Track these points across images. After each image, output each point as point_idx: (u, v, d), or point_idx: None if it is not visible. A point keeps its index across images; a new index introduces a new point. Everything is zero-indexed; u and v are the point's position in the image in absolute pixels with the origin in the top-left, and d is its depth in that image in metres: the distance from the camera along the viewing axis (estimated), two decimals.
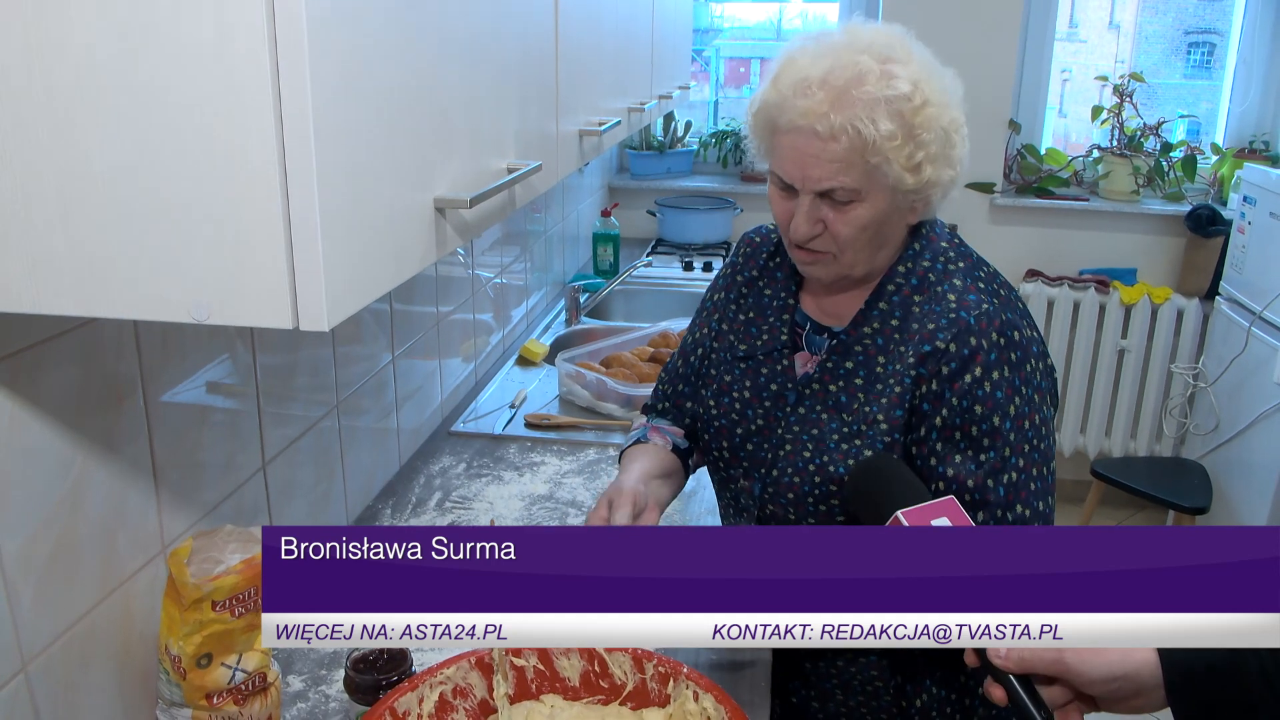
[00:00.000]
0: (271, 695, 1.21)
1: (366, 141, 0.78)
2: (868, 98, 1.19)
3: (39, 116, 0.71)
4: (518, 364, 2.57)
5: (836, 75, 1.20)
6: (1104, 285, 3.80)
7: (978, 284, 1.29)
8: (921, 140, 1.21)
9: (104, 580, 1.12)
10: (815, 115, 1.20)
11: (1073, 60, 4.25)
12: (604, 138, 1.61)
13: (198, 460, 1.28)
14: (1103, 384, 3.91)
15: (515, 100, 1.17)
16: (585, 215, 3.59)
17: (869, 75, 1.20)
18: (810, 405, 1.34)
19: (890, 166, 1.21)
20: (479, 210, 1.01)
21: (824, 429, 1.32)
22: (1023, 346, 1.25)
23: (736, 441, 1.41)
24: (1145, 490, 3.27)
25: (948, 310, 1.26)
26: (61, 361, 1.01)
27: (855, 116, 1.19)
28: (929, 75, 1.24)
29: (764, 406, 1.39)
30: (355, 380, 1.75)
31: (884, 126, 1.19)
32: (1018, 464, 1.23)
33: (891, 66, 1.21)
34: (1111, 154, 3.81)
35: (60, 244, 0.74)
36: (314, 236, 0.71)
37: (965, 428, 1.23)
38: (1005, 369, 1.23)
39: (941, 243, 1.35)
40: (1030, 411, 1.24)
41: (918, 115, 1.21)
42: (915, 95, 1.20)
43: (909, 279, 1.31)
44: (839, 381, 1.32)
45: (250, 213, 0.71)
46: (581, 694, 1.21)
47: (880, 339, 1.30)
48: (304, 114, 0.69)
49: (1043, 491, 1.25)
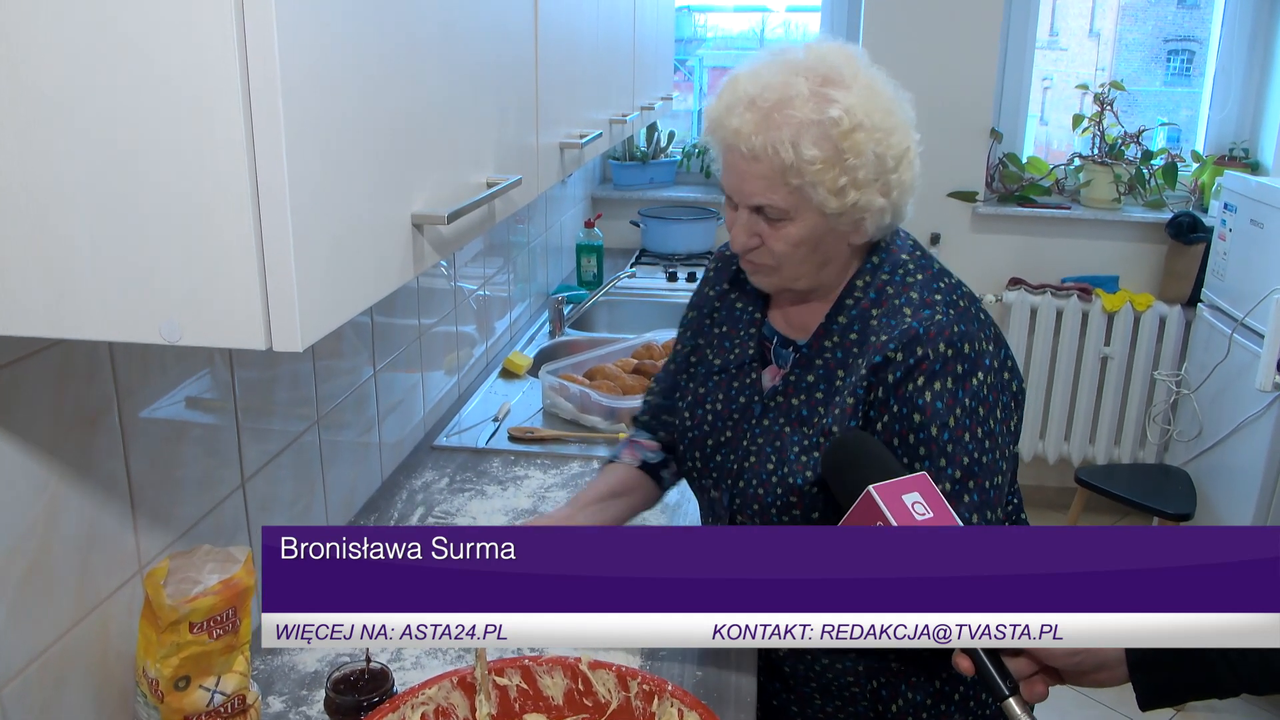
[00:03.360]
0: (250, 717, 1.19)
1: (340, 157, 0.77)
2: (792, 121, 1.20)
3: (3, 134, 0.70)
4: (501, 376, 2.55)
5: (766, 96, 1.22)
6: (1086, 293, 3.81)
7: (934, 296, 1.29)
8: (848, 165, 1.21)
9: (80, 602, 1.10)
10: (741, 136, 1.22)
11: (1053, 68, 4.27)
12: (585, 150, 1.61)
13: (175, 478, 1.26)
14: (1086, 391, 3.92)
15: (494, 113, 1.16)
16: (569, 226, 3.58)
17: (797, 98, 1.20)
18: (774, 418, 1.35)
19: (814, 189, 1.21)
20: (457, 226, 1.00)
21: (785, 441, 1.33)
22: (971, 359, 1.25)
23: (708, 452, 1.43)
24: (1129, 497, 3.28)
25: (901, 322, 1.27)
26: (33, 382, 1.00)
27: (777, 139, 1.20)
28: (869, 99, 1.23)
29: (733, 419, 1.41)
30: (336, 394, 1.73)
31: (807, 151, 1.19)
32: (953, 475, 1.23)
33: (828, 89, 1.21)
34: (1093, 162, 3.82)
35: (27, 264, 0.73)
36: (286, 255, 0.70)
37: (903, 434, 1.24)
38: (949, 380, 1.23)
39: (902, 255, 1.35)
40: (972, 424, 1.23)
41: (846, 139, 1.20)
42: (845, 120, 1.20)
43: (867, 292, 1.32)
44: (801, 394, 1.34)
45: (221, 231, 0.70)
46: (565, 713, 1.20)
47: (839, 352, 1.32)
48: (275, 129, 0.68)
49: (979, 505, 1.24)
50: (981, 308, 1.33)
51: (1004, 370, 1.29)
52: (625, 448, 1.59)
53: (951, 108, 3.71)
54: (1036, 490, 4.06)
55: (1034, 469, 4.06)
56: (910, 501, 1.02)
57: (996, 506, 1.26)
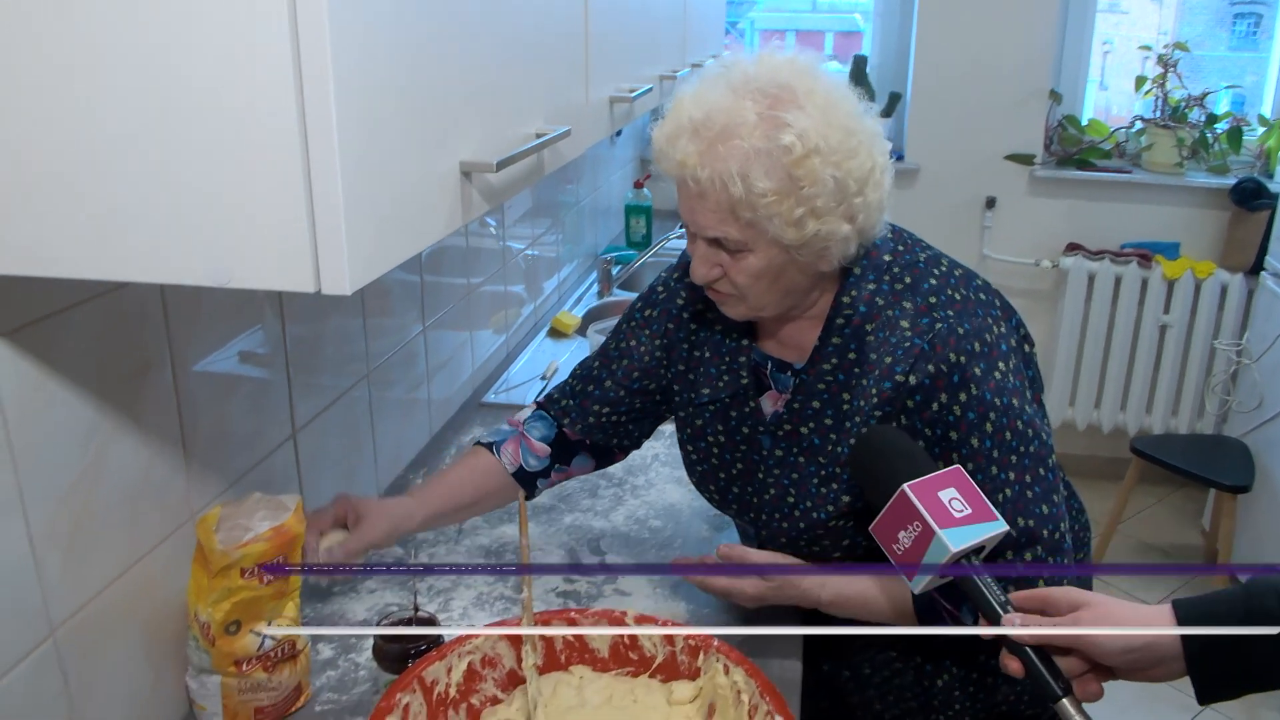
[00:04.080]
0: (301, 662, 1.21)
1: (389, 102, 0.76)
2: (739, 151, 1.11)
3: (57, 79, 0.70)
4: (549, 336, 2.56)
5: (710, 124, 1.13)
6: (1146, 259, 3.72)
7: (928, 299, 1.21)
8: (804, 194, 1.12)
9: (131, 547, 1.12)
10: (685, 167, 1.14)
11: (1114, 31, 4.15)
12: (635, 104, 1.59)
13: (226, 429, 1.27)
14: (1144, 360, 3.84)
15: (543, 64, 1.15)
16: (617, 187, 3.56)
17: (743, 125, 1.11)
18: (786, 448, 1.30)
19: (770, 222, 1.13)
20: (505, 175, 0.99)
21: (803, 473, 1.28)
22: (986, 355, 1.17)
23: (722, 485, 1.40)
24: (1186, 468, 3.22)
25: (902, 340, 1.19)
26: (85, 329, 1.01)
27: (725, 172, 1.11)
28: (825, 120, 1.12)
29: (740, 450, 1.36)
30: (385, 351, 1.74)
31: (758, 183, 1.11)
32: (1009, 478, 1.17)
33: (778, 112, 1.11)
34: (1155, 125, 3.72)
35: (79, 206, 0.73)
36: (335, 196, 0.70)
37: (945, 455, 1.18)
38: (972, 386, 1.16)
39: (884, 256, 1.26)
40: (1009, 420, 1.17)
41: (799, 167, 1.11)
42: (798, 145, 1.10)
43: (856, 307, 1.23)
44: (809, 423, 1.28)
45: (269, 173, 0.70)
46: (611, 666, 1.21)
47: (841, 374, 1.24)
48: (324, 73, 0.67)
49: (1044, 494, 1.19)
50: (980, 285, 1.25)
51: (1023, 343, 1.24)
52: (511, 438, 1.49)
53: (1008, 68, 3.63)
54: (1089, 460, 4.00)
55: (1088, 438, 4.00)
56: (947, 498, 0.98)
57: (1059, 486, 1.22)
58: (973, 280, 1.26)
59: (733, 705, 1.10)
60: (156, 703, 1.18)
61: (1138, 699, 2.84)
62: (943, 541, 0.95)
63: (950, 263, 1.27)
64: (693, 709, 1.15)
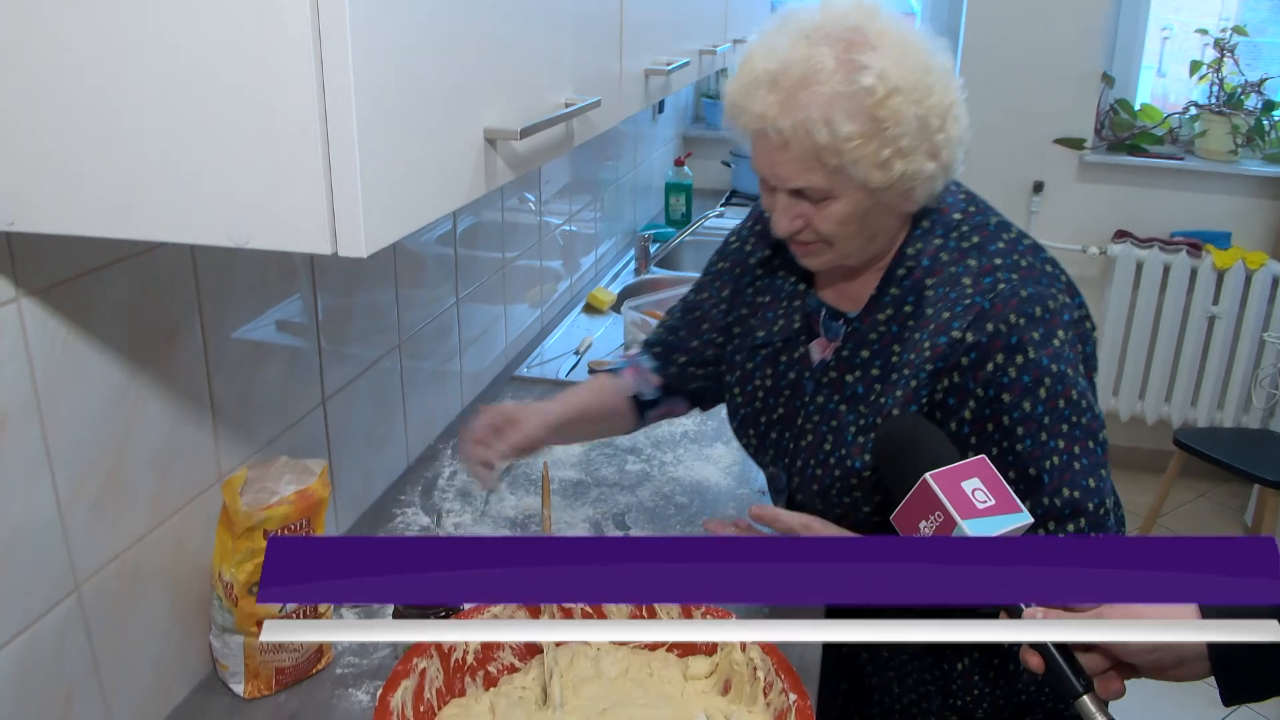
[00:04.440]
0: None
1: (409, 66, 0.76)
2: (821, 98, 1.10)
3: (79, 37, 0.71)
4: (585, 311, 2.56)
5: (788, 73, 1.12)
6: (1196, 248, 3.65)
7: (994, 260, 1.20)
8: (889, 135, 1.11)
9: (158, 506, 1.13)
10: (766, 120, 1.13)
11: (1174, 17, 4.05)
12: (672, 78, 1.57)
13: (256, 394, 1.29)
14: (1190, 351, 3.76)
15: (575, 33, 1.14)
16: (658, 164, 3.54)
17: (822, 71, 1.10)
18: (828, 395, 1.29)
19: (856, 166, 1.12)
20: (532, 143, 0.99)
21: (841, 420, 1.27)
22: (1046, 321, 1.16)
23: (762, 429, 1.39)
24: (1230, 462, 3.15)
25: (963, 295, 1.17)
26: (116, 291, 1.02)
27: (807, 120, 1.10)
28: (900, 58, 1.12)
29: (784, 395, 1.35)
30: (418, 323, 1.75)
31: (842, 127, 1.10)
32: (1058, 446, 1.15)
33: (854, 55, 1.11)
34: (1209, 111, 3.64)
35: (101, 166, 0.74)
36: (352, 159, 0.70)
37: (996, 418, 1.16)
38: (1030, 350, 1.14)
39: (954, 214, 1.25)
40: (1064, 389, 1.15)
41: (882, 108, 1.10)
42: (879, 86, 1.10)
43: (920, 260, 1.23)
44: (854, 371, 1.26)
45: (288, 135, 0.70)
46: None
47: (895, 326, 1.23)
48: (341, 32, 0.67)
49: (1091, 467, 1.17)
50: (1048, 257, 1.24)
51: (1080, 322, 1.22)
52: (630, 366, 1.52)
53: (1060, 49, 3.55)
54: (1131, 452, 3.93)
55: (1131, 430, 3.93)
56: (970, 489, 0.96)
57: (1107, 463, 1.20)
58: (1041, 252, 1.24)
59: (748, 681, 1.09)
60: (181, 661, 1.19)
61: (1166, 695, 2.80)
62: (964, 533, 0.94)
63: (1021, 232, 1.26)
64: (708, 684, 1.14)
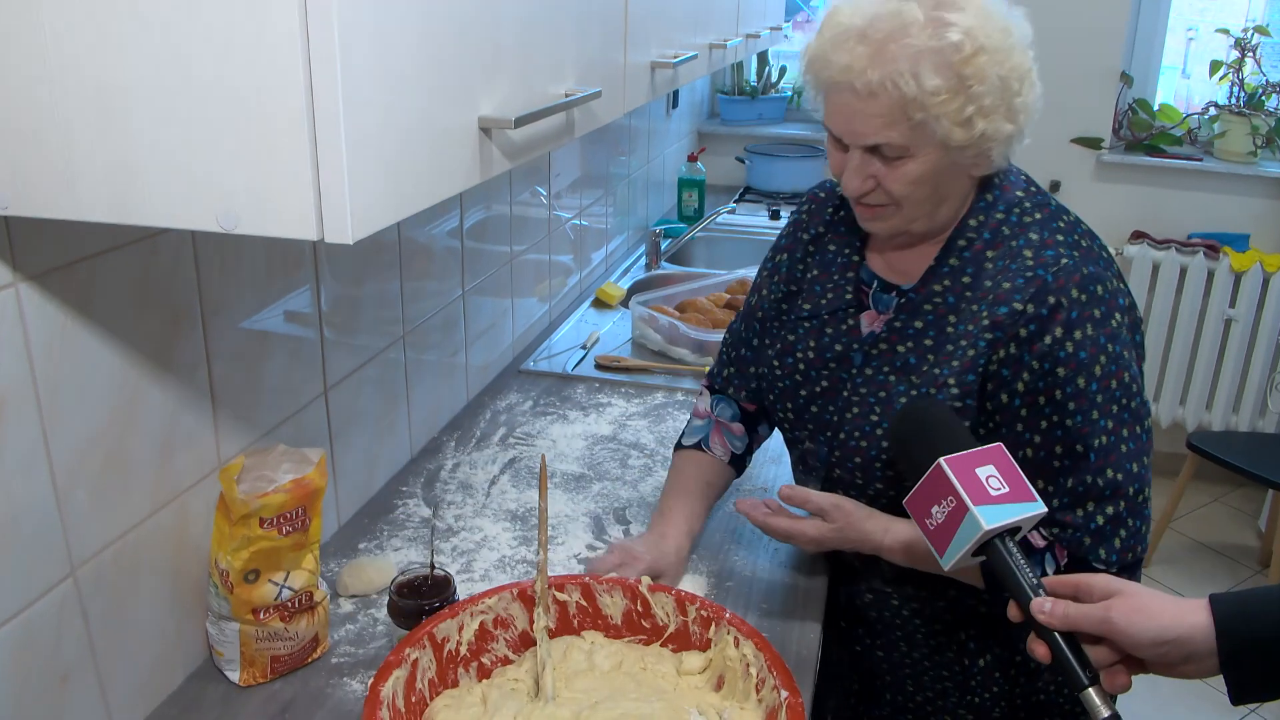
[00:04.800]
0: (319, 615, 1.23)
1: (399, 53, 0.76)
2: (910, 51, 1.11)
3: (72, 24, 0.71)
4: (593, 306, 2.55)
5: (877, 27, 1.13)
6: (1214, 250, 3.62)
7: (1055, 236, 1.21)
8: (973, 93, 1.12)
9: (157, 493, 1.13)
10: (853, 71, 1.13)
11: (1199, 18, 4.01)
12: (679, 71, 1.57)
13: (256, 383, 1.29)
14: (1206, 354, 3.73)
15: (575, 22, 1.13)
16: (671, 160, 3.54)
17: (913, 25, 1.12)
18: (877, 366, 1.29)
19: (938, 122, 1.13)
20: (528, 133, 0.99)
21: (891, 391, 1.27)
22: (1106, 301, 1.17)
23: (801, 403, 1.37)
24: (1244, 467, 3.12)
25: (1024, 268, 1.19)
26: (115, 277, 1.02)
27: (895, 72, 1.11)
28: (986, 18, 1.14)
29: (829, 368, 1.34)
30: (424, 314, 1.75)
31: (929, 81, 1.11)
32: (1106, 426, 1.16)
33: (942, 12, 1.12)
34: (1229, 112, 3.60)
35: (92, 150, 0.74)
36: (338, 145, 0.69)
37: (1049, 392, 1.16)
38: (1088, 326, 1.15)
39: (1016, 192, 1.26)
40: (1118, 370, 1.16)
41: (968, 65, 1.12)
42: (966, 44, 1.11)
43: (981, 233, 1.24)
44: (907, 342, 1.26)
45: (275, 121, 0.70)
46: (623, 633, 1.20)
47: (951, 297, 1.24)
48: (328, 18, 0.67)
49: (1136, 452, 1.17)
50: (1103, 244, 1.25)
51: (1133, 309, 1.22)
52: (712, 431, 1.53)
53: (1078, 47, 3.52)
54: None
55: None
56: (985, 475, 0.96)
57: (1150, 450, 1.20)
58: (1096, 238, 1.25)
59: (741, 677, 1.09)
60: (178, 647, 1.20)
61: (1178, 698, 2.78)
62: (975, 518, 0.94)
63: (1078, 218, 1.27)
64: (701, 679, 1.14)
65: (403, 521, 1.57)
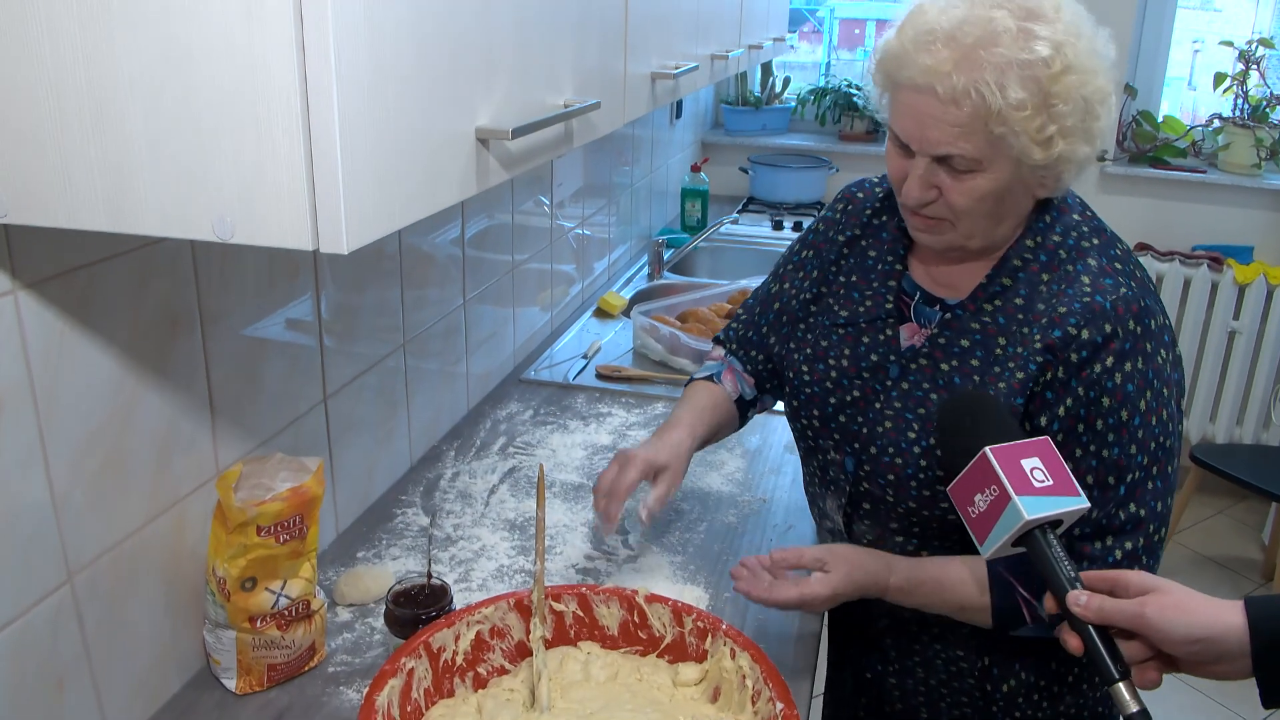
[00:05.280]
0: (315, 623, 1.23)
1: (396, 63, 0.76)
2: (998, 60, 1.06)
3: (72, 27, 0.71)
4: (595, 316, 2.55)
5: (966, 31, 1.08)
6: (1218, 263, 3.61)
7: (1114, 264, 1.17)
8: (1056, 112, 1.08)
9: (155, 499, 1.14)
10: (937, 74, 1.08)
11: (1206, 29, 4.01)
12: (680, 81, 1.57)
13: (255, 390, 1.29)
14: (1210, 366, 3.73)
15: (574, 33, 1.14)
16: (675, 170, 3.54)
17: (1003, 34, 1.07)
18: (915, 381, 1.24)
19: (1017, 138, 1.09)
20: (526, 144, 0.99)
21: (931, 409, 1.22)
22: (1156, 335, 1.14)
23: (829, 411, 1.32)
24: (1248, 480, 3.12)
25: (1081, 293, 1.15)
26: (114, 284, 1.03)
27: (981, 80, 1.06)
28: (1076, 37, 1.09)
29: (861, 377, 1.29)
30: (424, 323, 1.75)
31: (1013, 94, 1.06)
32: (1141, 461, 1.13)
33: (1032, 25, 1.08)
34: (1233, 124, 3.60)
35: (90, 160, 0.74)
36: (333, 156, 0.70)
37: (1090, 420, 1.13)
38: (1139, 359, 1.12)
39: (1074, 215, 1.22)
40: (1159, 406, 1.13)
41: (1056, 83, 1.07)
42: (1055, 60, 1.07)
43: (1037, 254, 1.20)
44: (952, 360, 1.22)
45: (271, 131, 0.70)
46: (620, 643, 1.20)
47: (1002, 318, 1.20)
48: (324, 29, 0.67)
49: (1162, 491, 1.15)
50: (1150, 278, 1.22)
51: (1175, 345, 1.20)
52: (725, 370, 1.50)
53: None
54: None
55: None
56: (1029, 467, 0.96)
57: (1174, 490, 1.18)
58: (1147, 273, 1.22)
59: (737, 689, 1.09)
60: (175, 654, 1.20)
61: (1209, 700, 2.77)
62: (1017, 508, 0.94)
63: (1129, 248, 1.24)
64: (697, 691, 1.14)
65: (401, 530, 1.57)
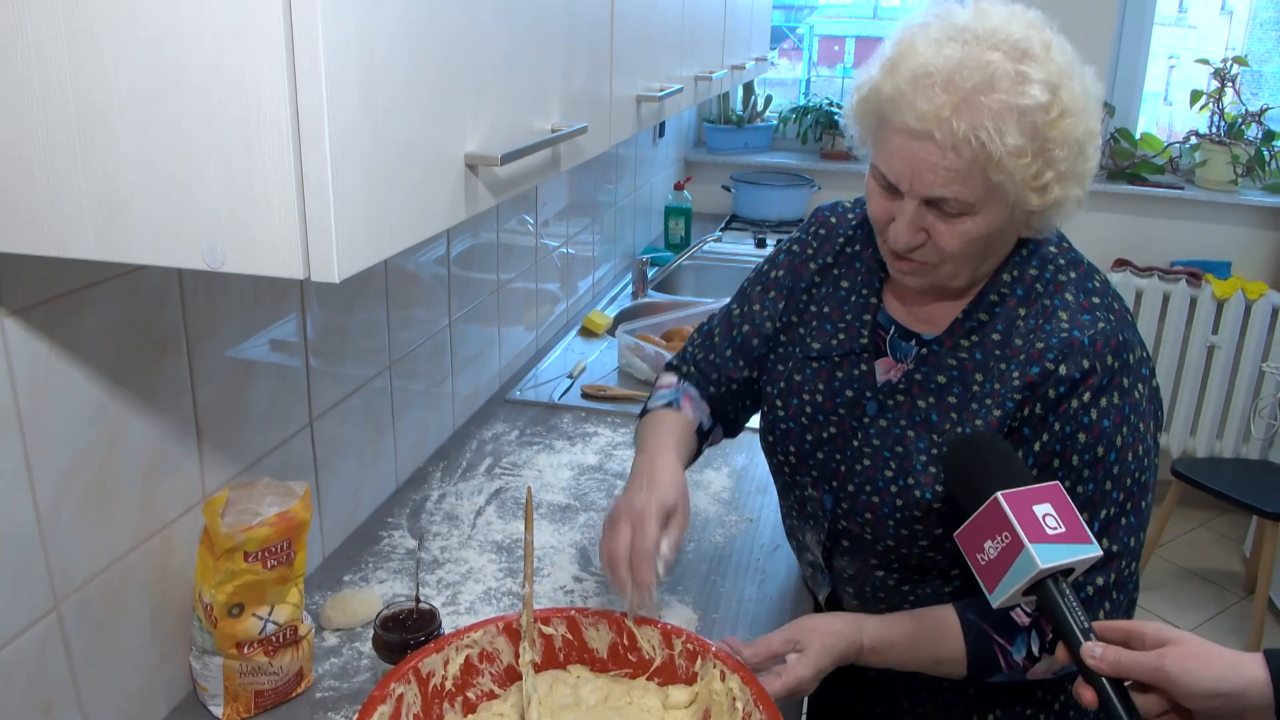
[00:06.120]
0: (303, 649, 1.22)
1: (386, 91, 0.76)
2: (997, 106, 1.03)
3: (62, 54, 0.71)
4: (580, 335, 2.55)
5: (964, 75, 1.04)
6: (1196, 278, 3.65)
7: (1091, 298, 1.16)
8: (1052, 157, 1.06)
9: (142, 524, 1.13)
10: (935, 120, 1.04)
11: (1181, 45, 4.07)
12: (665, 104, 1.58)
13: (241, 414, 1.29)
14: (1190, 381, 3.76)
15: (562, 58, 1.14)
16: (658, 188, 3.55)
17: (1001, 79, 1.03)
18: (893, 419, 1.23)
19: (1013, 184, 1.06)
20: (514, 169, 0.99)
21: (909, 447, 1.21)
22: (1134, 369, 1.13)
23: (806, 448, 1.31)
24: (1229, 493, 3.15)
25: (1059, 329, 1.13)
26: (100, 310, 1.02)
27: (980, 127, 1.03)
28: (1069, 78, 1.07)
29: (838, 414, 1.27)
30: (410, 343, 1.75)
31: (1011, 141, 1.03)
32: (1117, 498, 1.12)
33: (1027, 67, 1.04)
34: (1210, 141, 3.64)
35: (79, 188, 0.74)
36: (324, 184, 0.70)
37: (1065, 455, 1.12)
38: (1116, 395, 1.11)
39: (1049, 248, 1.20)
40: (1135, 442, 1.12)
41: (1053, 128, 1.05)
42: (1053, 105, 1.04)
43: (1014, 289, 1.18)
44: (929, 397, 1.21)
45: (262, 160, 0.70)
46: (609, 666, 1.20)
47: (979, 354, 1.18)
48: (315, 57, 0.67)
49: (1135, 527, 1.14)
50: (1128, 308, 1.20)
51: (1153, 377, 1.19)
52: (683, 396, 1.42)
53: None
54: None
55: None
56: (1041, 513, 0.95)
57: (1148, 523, 1.17)
58: (1124, 303, 1.21)
59: (727, 712, 1.08)
60: (161, 681, 1.19)
61: None
62: (1030, 556, 0.93)
63: (1107, 279, 1.22)
64: (688, 713, 1.14)
65: (388, 553, 1.56)
